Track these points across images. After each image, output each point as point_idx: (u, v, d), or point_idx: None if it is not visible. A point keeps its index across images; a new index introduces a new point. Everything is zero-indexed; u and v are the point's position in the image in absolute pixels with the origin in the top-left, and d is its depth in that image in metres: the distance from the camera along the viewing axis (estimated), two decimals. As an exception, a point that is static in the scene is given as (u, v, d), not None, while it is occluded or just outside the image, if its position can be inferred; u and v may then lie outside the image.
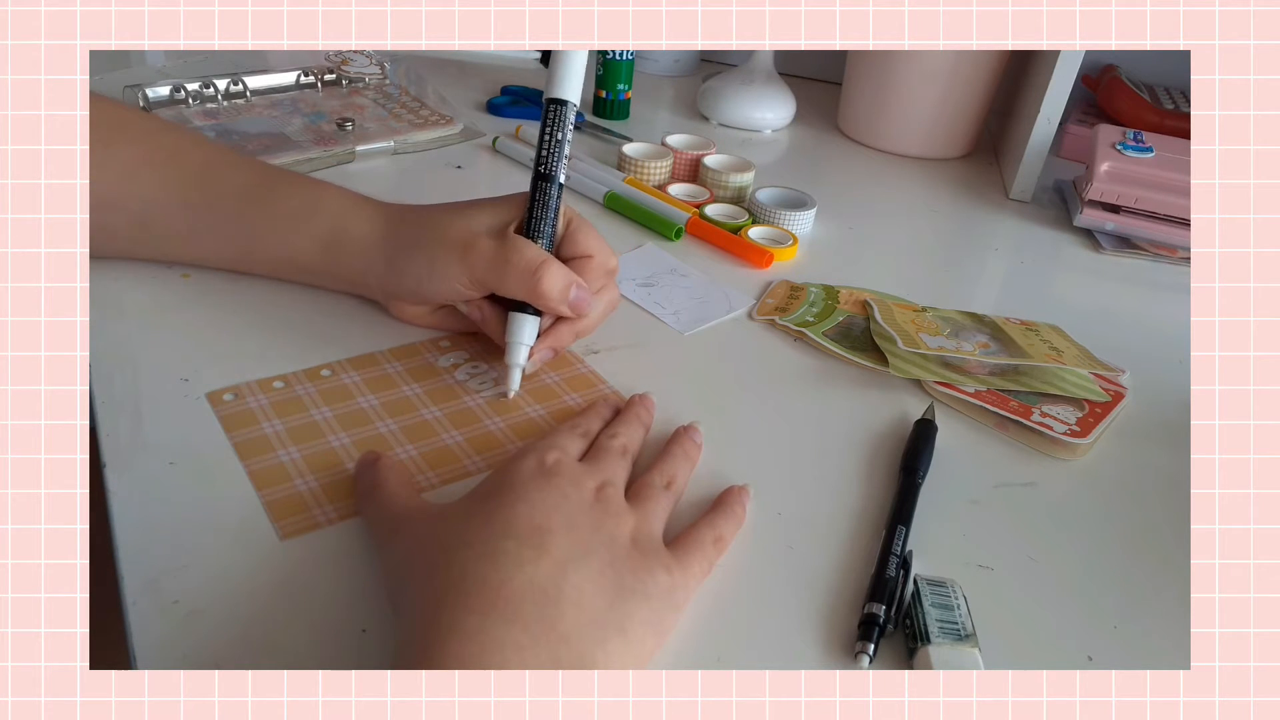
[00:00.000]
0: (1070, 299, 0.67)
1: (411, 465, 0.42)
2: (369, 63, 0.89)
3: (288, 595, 0.35)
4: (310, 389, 0.46)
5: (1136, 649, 0.37)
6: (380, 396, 0.46)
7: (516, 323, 0.46)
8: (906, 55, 0.86)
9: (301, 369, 0.47)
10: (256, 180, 0.52)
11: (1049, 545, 0.42)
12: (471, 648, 0.29)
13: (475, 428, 0.45)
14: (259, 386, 0.45)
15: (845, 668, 0.35)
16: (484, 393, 0.47)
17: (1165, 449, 0.49)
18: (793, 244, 0.67)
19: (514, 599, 0.30)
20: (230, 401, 0.44)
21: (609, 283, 0.50)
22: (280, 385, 0.46)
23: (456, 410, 0.46)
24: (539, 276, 0.44)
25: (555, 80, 0.47)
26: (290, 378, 0.46)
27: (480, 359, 0.50)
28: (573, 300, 0.46)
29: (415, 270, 0.47)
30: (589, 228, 0.49)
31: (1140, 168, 0.74)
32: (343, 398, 0.45)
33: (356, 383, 0.47)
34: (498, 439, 0.44)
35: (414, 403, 0.46)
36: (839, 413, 0.49)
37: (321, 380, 0.47)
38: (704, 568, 0.37)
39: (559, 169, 0.48)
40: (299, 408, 0.44)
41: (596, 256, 0.48)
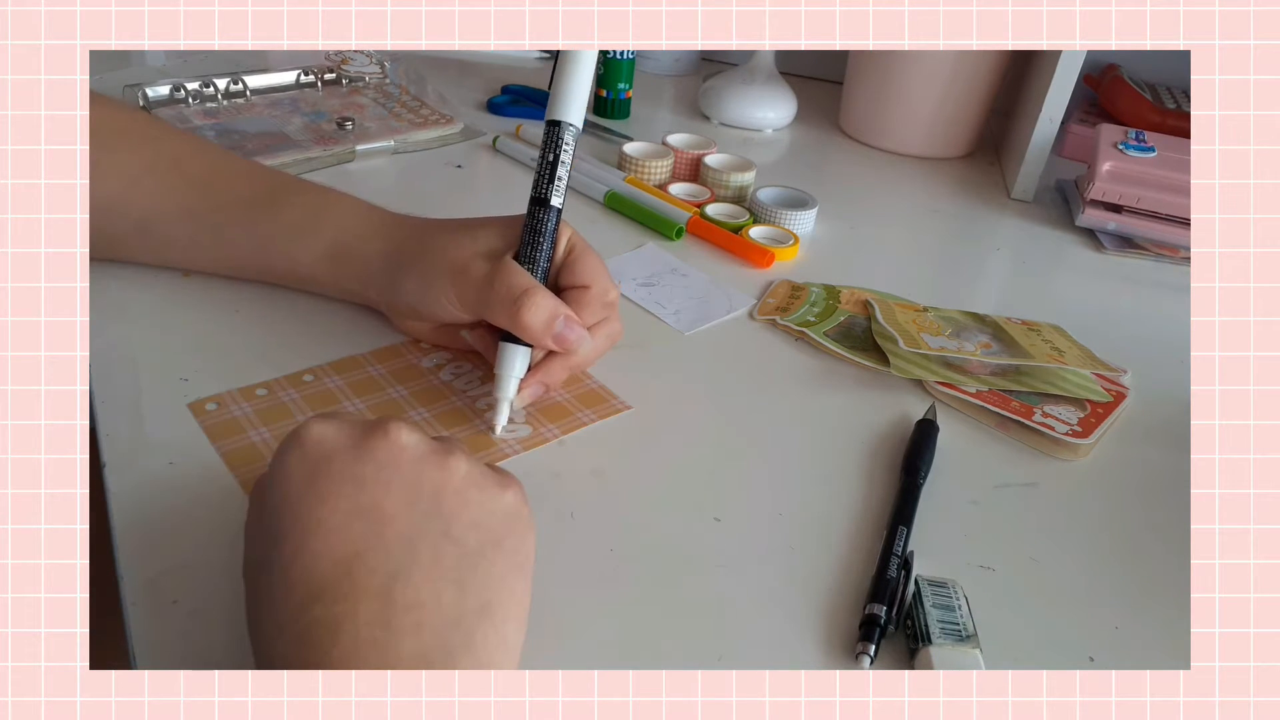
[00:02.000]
0: (1072, 299, 0.67)
1: None
2: (369, 62, 0.89)
3: (288, 595, 0.35)
4: (294, 395, 0.45)
5: (1138, 649, 0.37)
6: (366, 400, 0.46)
7: (506, 354, 0.44)
8: (908, 55, 0.86)
9: (283, 374, 0.47)
10: (261, 189, 0.51)
11: (1050, 546, 0.42)
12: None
13: (465, 428, 0.45)
14: (241, 395, 0.45)
15: (846, 668, 0.35)
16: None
17: (1167, 449, 0.49)
18: (794, 244, 0.67)
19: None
20: (213, 411, 0.43)
21: (609, 315, 0.47)
22: (263, 393, 0.45)
23: (445, 411, 0.46)
24: (520, 305, 0.42)
25: (555, 98, 0.45)
26: (273, 384, 0.46)
27: (463, 359, 0.50)
28: (558, 333, 0.43)
29: (412, 289, 0.47)
30: (590, 256, 0.47)
31: (1142, 167, 0.74)
32: (328, 402, 0.45)
33: (340, 386, 0.46)
34: (490, 439, 0.44)
35: (401, 405, 0.46)
36: (840, 413, 0.49)
37: (305, 385, 0.46)
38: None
39: (553, 193, 0.45)
40: (284, 414, 0.44)
41: (594, 287, 0.46)
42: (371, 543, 0.29)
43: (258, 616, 0.30)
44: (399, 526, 0.30)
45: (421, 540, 0.30)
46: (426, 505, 0.31)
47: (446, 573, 0.29)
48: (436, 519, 0.30)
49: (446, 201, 0.70)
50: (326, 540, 0.29)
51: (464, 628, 0.29)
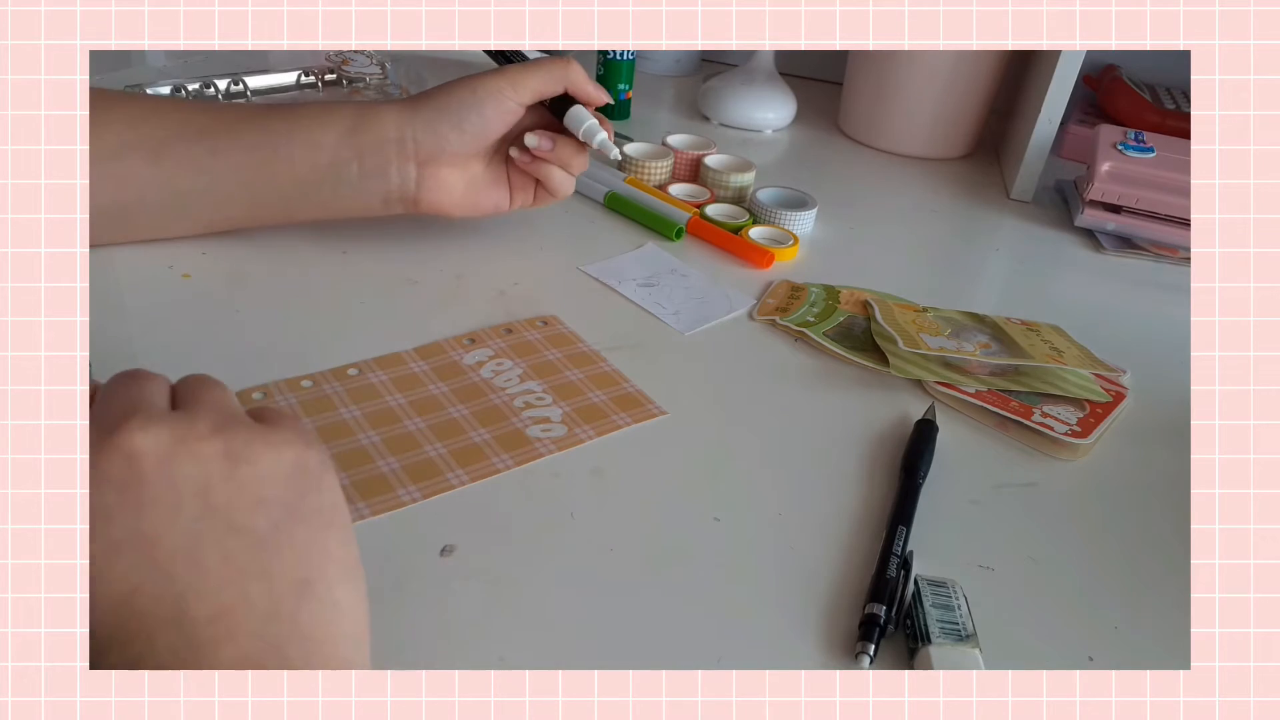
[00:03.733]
0: (1071, 299, 0.67)
1: (440, 463, 0.42)
2: (370, 62, 0.89)
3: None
4: (338, 388, 0.46)
5: (1138, 649, 0.37)
6: (408, 395, 0.46)
7: (577, 111, 0.54)
8: (908, 55, 0.86)
9: (329, 368, 0.47)
10: (270, 108, 0.53)
11: (1050, 546, 0.42)
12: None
13: (502, 425, 0.45)
14: (287, 385, 0.46)
15: (846, 668, 0.35)
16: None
17: (1166, 449, 0.49)
18: (793, 244, 0.67)
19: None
20: (260, 400, 0.44)
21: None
22: (308, 384, 0.46)
23: (483, 408, 0.46)
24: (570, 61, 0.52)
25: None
26: (318, 377, 0.47)
27: (504, 356, 0.50)
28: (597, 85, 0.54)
29: (460, 97, 0.52)
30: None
31: (1141, 168, 0.74)
32: (370, 396, 0.46)
33: (384, 381, 0.47)
34: (525, 436, 0.44)
35: (441, 401, 0.46)
36: (839, 413, 0.49)
37: (349, 379, 0.47)
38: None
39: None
40: (327, 406, 0.45)
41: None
42: (144, 573, 0.26)
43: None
44: (168, 543, 0.26)
45: (201, 546, 0.27)
46: (193, 508, 0.27)
47: (245, 568, 0.27)
48: (211, 517, 0.27)
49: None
50: (98, 586, 0.26)
51: (284, 616, 0.27)
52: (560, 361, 0.50)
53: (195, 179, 0.52)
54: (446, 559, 0.37)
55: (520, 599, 0.36)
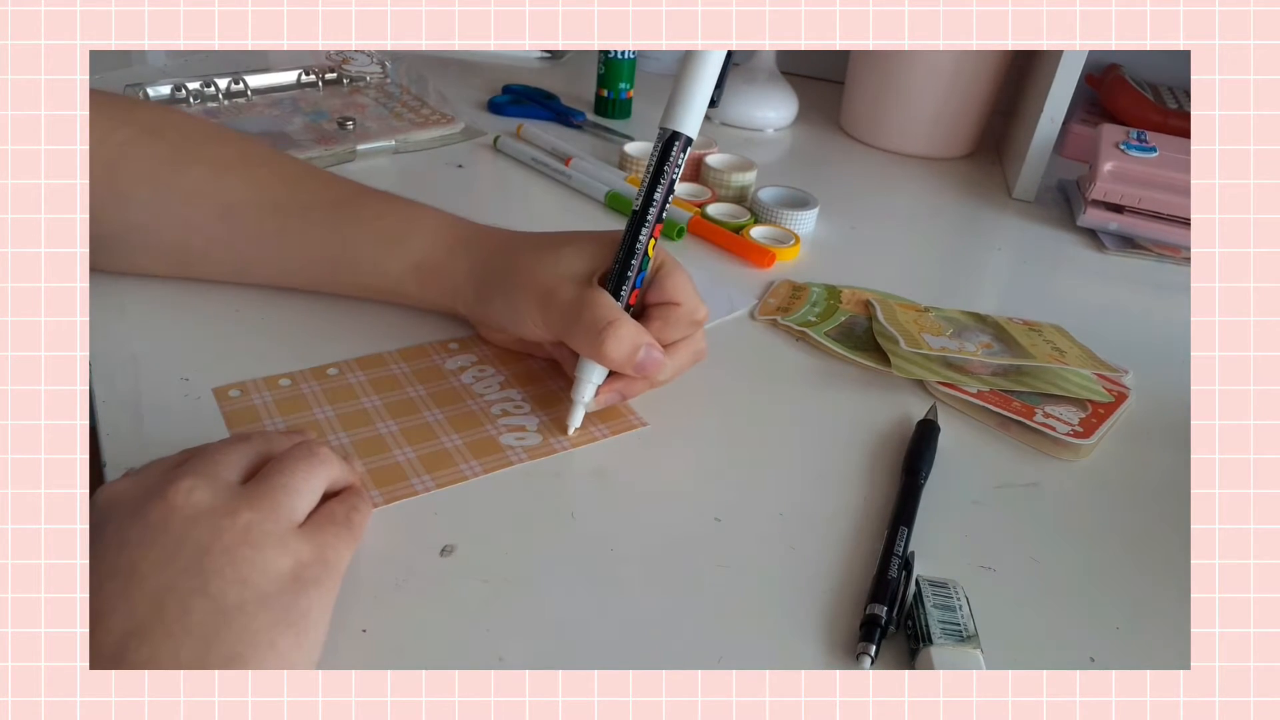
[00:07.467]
0: (1073, 299, 0.67)
1: (408, 468, 0.42)
2: (370, 61, 0.89)
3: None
4: (315, 387, 0.46)
5: (1139, 650, 0.37)
6: (384, 397, 0.46)
7: (587, 363, 0.44)
8: (909, 54, 0.86)
9: (308, 367, 0.47)
10: (345, 194, 0.51)
11: (1051, 546, 0.42)
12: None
13: (475, 432, 0.45)
14: (265, 384, 0.46)
15: (847, 668, 0.34)
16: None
17: (1168, 449, 0.49)
18: (795, 243, 0.66)
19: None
20: (236, 398, 0.44)
21: (693, 333, 0.47)
22: (286, 383, 0.46)
23: (458, 414, 0.46)
24: (604, 338, 0.42)
25: (677, 104, 0.42)
26: (297, 375, 0.47)
27: (487, 363, 0.50)
28: (640, 361, 0.43)
29: (499, 307, 0.47)
30: (680, 273, 0.46)
31: (1143, 167, 0.74)
32: (346, 397, 0.46)
33: (361, 382, 0.47)
34: (497, 444, 0.44)
35: (416, 405, 0.46)
36: (841, 413, 0.49)
37: (328, 379, 0.47)
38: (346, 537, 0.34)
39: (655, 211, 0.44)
40: (302, 405, 0.44)
41: (684, 305, 0.45)
42: (114, 603, 0.28)
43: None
44: (149, 585, 0.29)
45: (170, 596, 0.29)
46: (186, 563, 0.29)
47: (192, 628, 0.28)
48: (195, 576, 0.29)
49: (447, 202, 0.69)
50: (92, 602, 0.28)
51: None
52: (545, 370, 0.50)
53: (260, 248, 0.51)
54: (446, 558, 0.37)
55: (520, 599, 0.36)
